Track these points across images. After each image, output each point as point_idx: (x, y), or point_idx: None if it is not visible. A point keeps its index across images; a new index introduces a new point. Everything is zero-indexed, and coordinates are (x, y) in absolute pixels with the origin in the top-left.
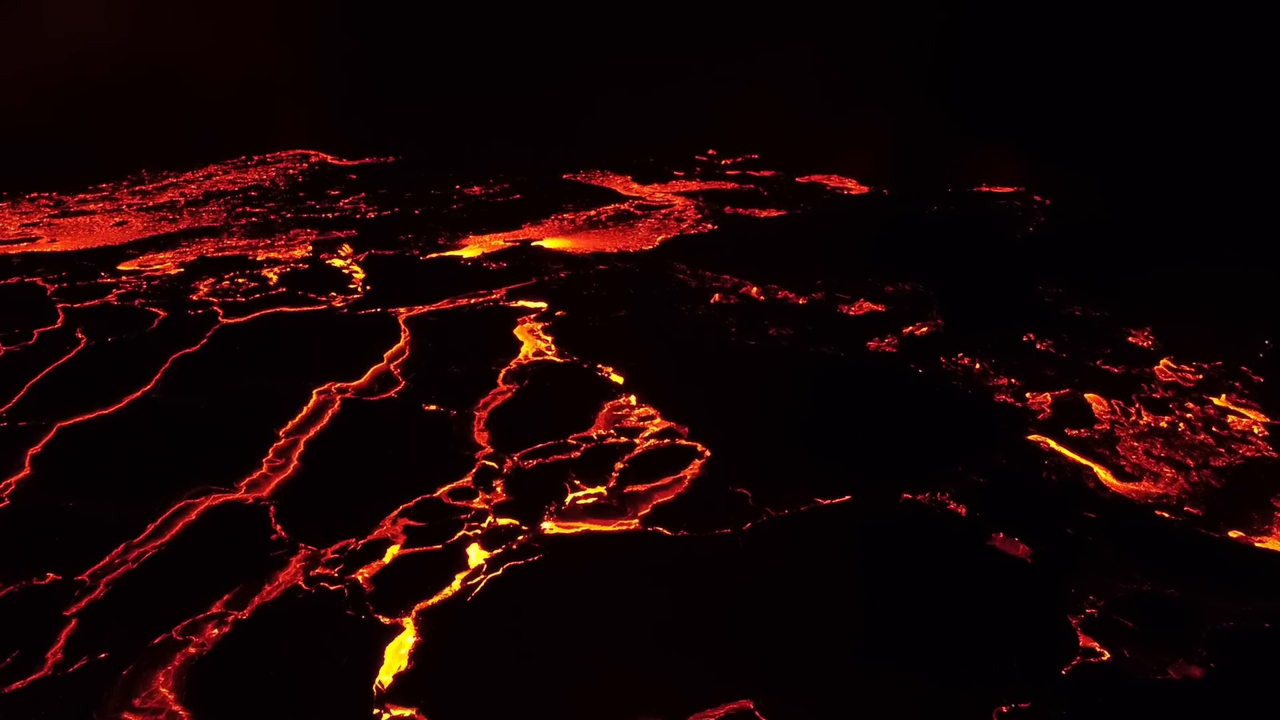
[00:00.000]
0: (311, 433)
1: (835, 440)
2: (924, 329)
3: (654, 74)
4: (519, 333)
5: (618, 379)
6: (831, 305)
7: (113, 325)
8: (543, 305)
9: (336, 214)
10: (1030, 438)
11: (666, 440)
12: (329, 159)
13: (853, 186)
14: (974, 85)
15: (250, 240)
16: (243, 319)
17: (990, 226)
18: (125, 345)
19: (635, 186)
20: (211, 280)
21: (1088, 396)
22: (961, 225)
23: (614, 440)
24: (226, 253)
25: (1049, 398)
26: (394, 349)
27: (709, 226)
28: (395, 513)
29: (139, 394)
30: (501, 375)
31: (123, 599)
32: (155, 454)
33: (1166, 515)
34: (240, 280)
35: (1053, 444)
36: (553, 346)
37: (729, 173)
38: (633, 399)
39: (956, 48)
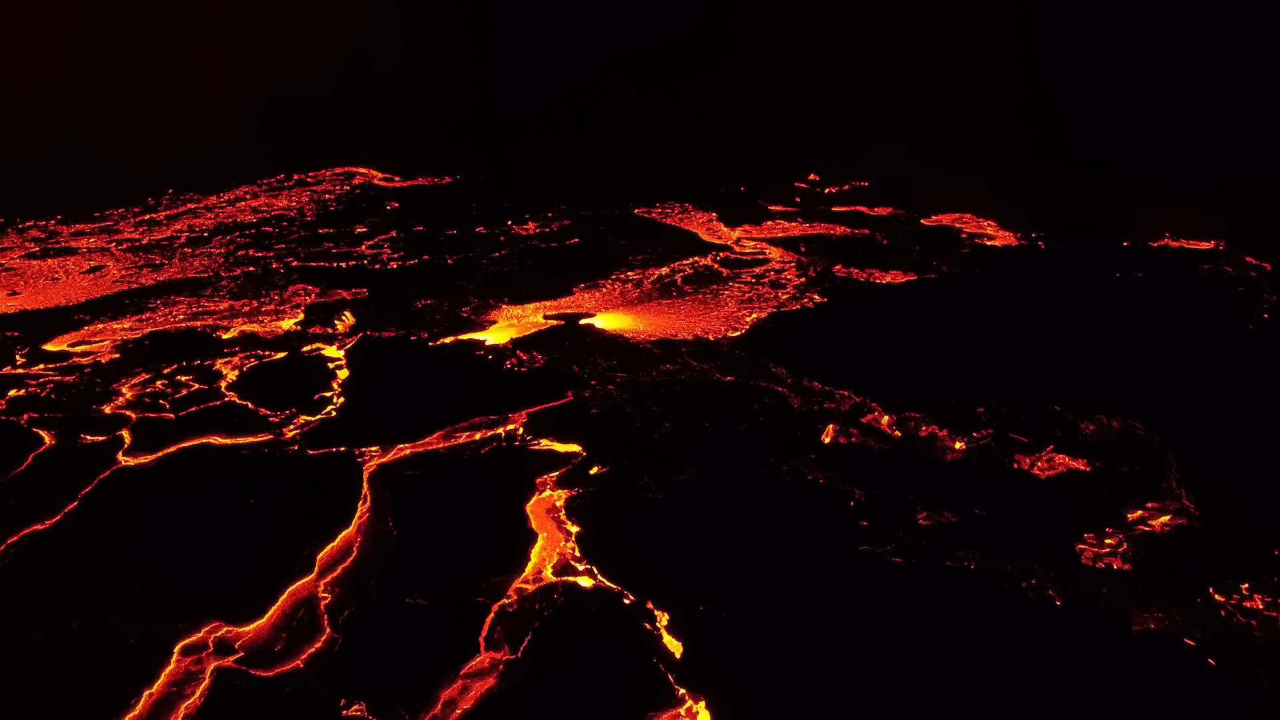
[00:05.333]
0: None
1: None
2: (1164, 519)
3: (747, 82)
4: (534, 512)
5: (674, 644)
6: (1005, 457)
7: None
8: (578, 450)
9: (352, 262)
10: None
11: None
12: (376, 178)
13: (994, 232)
14: (1128, 90)
15: (234, 303)
16: (149, 458)
17: (1205, 307)
18: None
19: (722, 230)
20: (146, 377)
21: None
22: (1162, 303)
23: None
24: (197, 322)
25: None
26: (335, 543)
27: (815, 298)
28: None
29: None
30: (488, 624)
31: None
32: None
33: None
34: (182, 378)
35: None
36: (580, 555)
37: (835, 208)
38: (702, 710)
39: (1103, 45)
